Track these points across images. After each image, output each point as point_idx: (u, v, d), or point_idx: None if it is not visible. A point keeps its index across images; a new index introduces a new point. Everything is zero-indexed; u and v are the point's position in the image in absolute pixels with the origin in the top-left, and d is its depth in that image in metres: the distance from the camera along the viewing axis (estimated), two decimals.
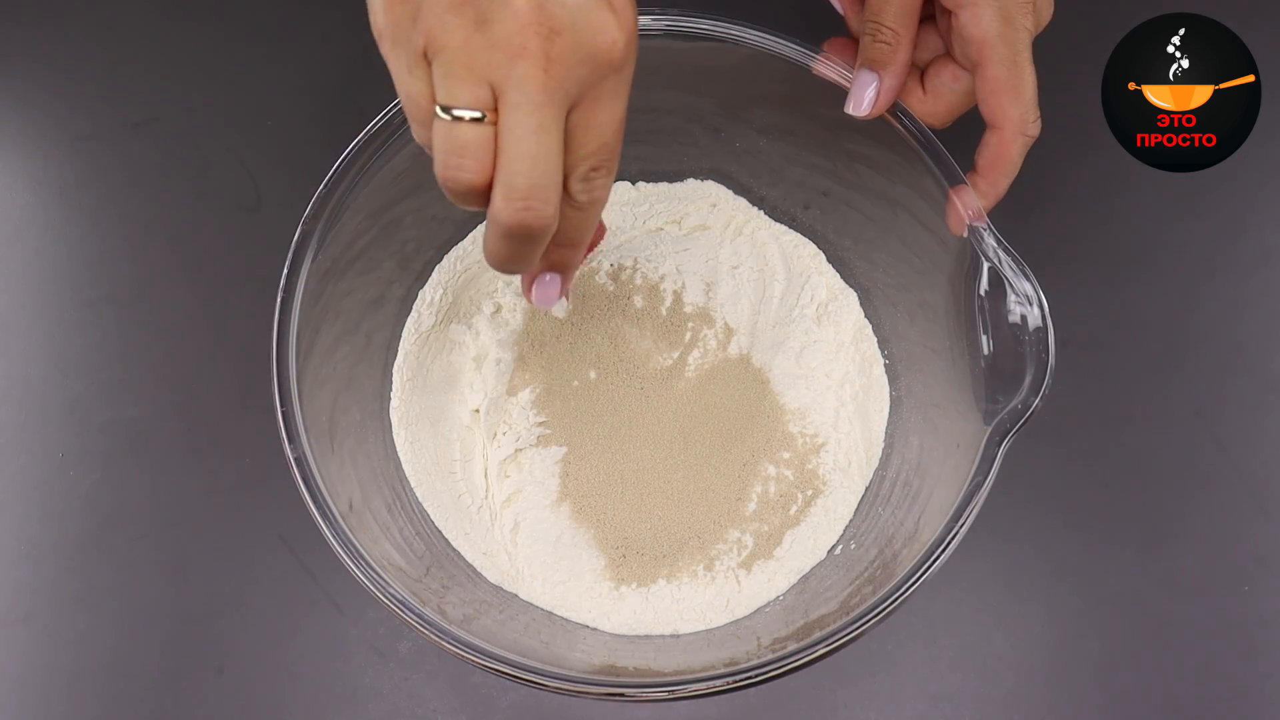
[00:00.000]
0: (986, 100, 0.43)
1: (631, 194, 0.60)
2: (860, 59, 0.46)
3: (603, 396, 0.56)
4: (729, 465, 0.56)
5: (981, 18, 0.41)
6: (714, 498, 0.55)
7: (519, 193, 0.34)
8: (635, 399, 0.56)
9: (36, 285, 0.63)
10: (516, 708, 0.56)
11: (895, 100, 0.47)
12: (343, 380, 0.53)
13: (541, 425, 0.56)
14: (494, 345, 0.56)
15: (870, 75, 0.45)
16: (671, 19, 0.50)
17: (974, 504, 0.45)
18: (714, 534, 0.55)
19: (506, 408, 0.56)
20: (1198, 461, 0.59)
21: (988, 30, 0.42)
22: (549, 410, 0.56)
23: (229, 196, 0.64)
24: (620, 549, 0.54)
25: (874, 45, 0.44)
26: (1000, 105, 0.43)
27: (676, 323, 0.58)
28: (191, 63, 0.67)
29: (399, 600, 0.45)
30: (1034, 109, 0.43)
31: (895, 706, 0.56)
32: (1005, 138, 0.43)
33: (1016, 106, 0.43)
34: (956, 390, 0.50)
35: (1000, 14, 0.42)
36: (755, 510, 0.55)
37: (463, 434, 0.57)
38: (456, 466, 0.57)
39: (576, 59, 0.34)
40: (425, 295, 0.58)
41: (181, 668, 0.56)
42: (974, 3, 0.42)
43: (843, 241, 0.59)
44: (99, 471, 0.59)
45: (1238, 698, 0.56)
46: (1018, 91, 0.43)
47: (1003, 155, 0.44)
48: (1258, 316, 0.62)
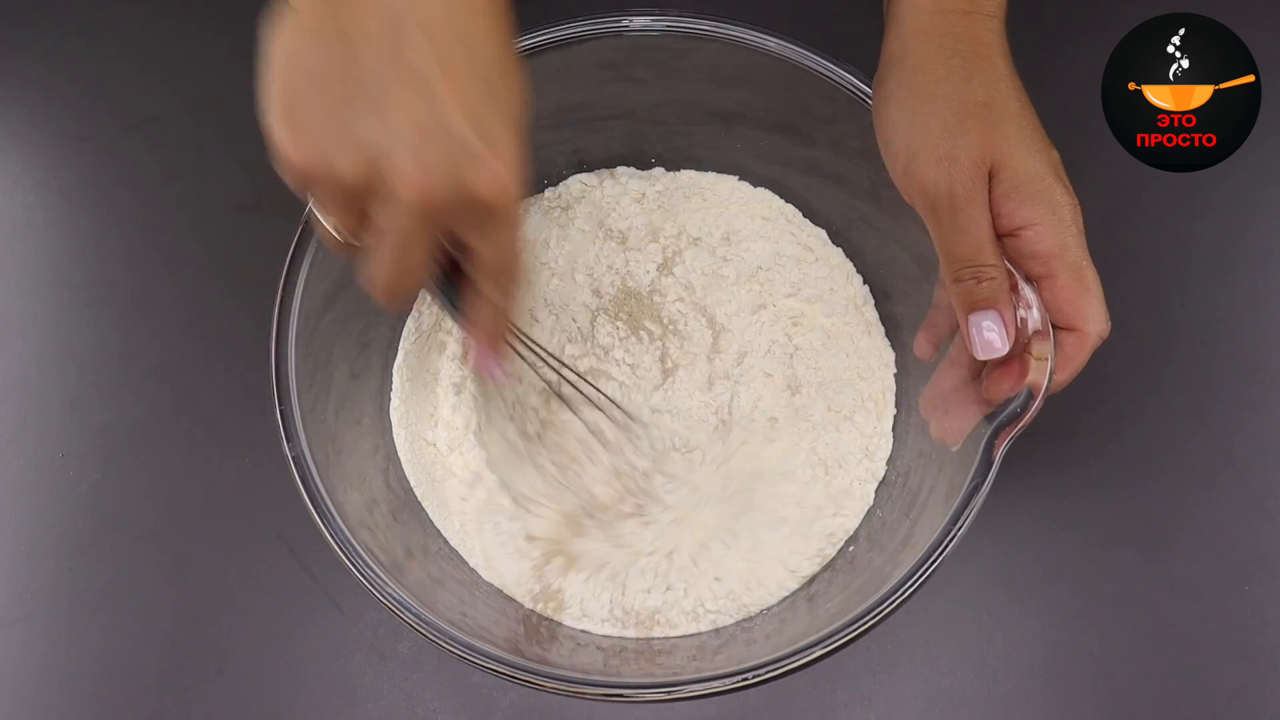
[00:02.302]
0: (1061, 308, 0.43)
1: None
2: (970, 305, 0.44)
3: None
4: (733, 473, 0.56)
5: (1045, 233, 0.42)
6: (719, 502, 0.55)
7: (379, 292, 0.39)
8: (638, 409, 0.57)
9: (36, 285, 0.63)
10: (516, 707, 0.56)
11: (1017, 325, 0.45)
12: (343, 380, 0.53)
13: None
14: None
15: (991, 316, 0.44)
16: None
17: (973, 505, 0.45)
18: (715, 535, 0.55)
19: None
20: (1198, 461, 0.59)
21: (1052, 242, 0.42)
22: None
23: (229, 196, 0.64)
24: (622, 549, 0.55)
25: (981, 287, 0.43)
26: (1078, 310, 0.43)
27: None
28: (191, 63, 0.67)
29: (399, 600, 0.45)
30: (1105, 308, 0.44)
31: (895, 706, 0.56)
32: (1083, 340, 0.44)
33: (1095, 309, 0.43)
34: (957, 392, 0.50)
35: (1059, 226, 0.42)
36: (757, 510, 0.55)
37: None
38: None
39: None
40: (425, 295, 0.58)
41: (181, 668, 0.56)
42: (1034, 222, 0.42)
43: (849, 234, 0.59)
44: (99, 471, 0.60)
45: (1238, 698, 0.56)
46: (1090, 294, 0.43)
47: (1076, 357, 0.44)
48: (1258, 316, 0.62)
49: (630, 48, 0.53)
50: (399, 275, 0.38)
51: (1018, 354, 0.44)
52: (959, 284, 0.44)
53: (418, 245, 0.37)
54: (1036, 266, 0.43)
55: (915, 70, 0.44)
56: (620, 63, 0.54)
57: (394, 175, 0.34)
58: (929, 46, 0.44)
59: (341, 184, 0.35)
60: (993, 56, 0.44)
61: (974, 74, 0.43)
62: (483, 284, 0.41)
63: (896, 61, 0.45)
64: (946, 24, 0.44)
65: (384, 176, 0.34)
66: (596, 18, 0.52)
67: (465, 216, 0.36)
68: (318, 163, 0.34)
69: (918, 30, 0.44)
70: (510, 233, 0.38)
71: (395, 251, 0.37)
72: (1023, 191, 0.42)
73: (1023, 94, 0.44)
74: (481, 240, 0.38)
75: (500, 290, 0.41)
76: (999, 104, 0.43)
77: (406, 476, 0.56)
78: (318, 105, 0.34)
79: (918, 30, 0.44)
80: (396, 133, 0.34)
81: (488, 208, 0.36)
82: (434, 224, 0.36)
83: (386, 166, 0.34)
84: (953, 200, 0.42)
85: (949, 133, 0.42)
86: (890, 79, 0.45)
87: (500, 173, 0.35)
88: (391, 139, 0.34)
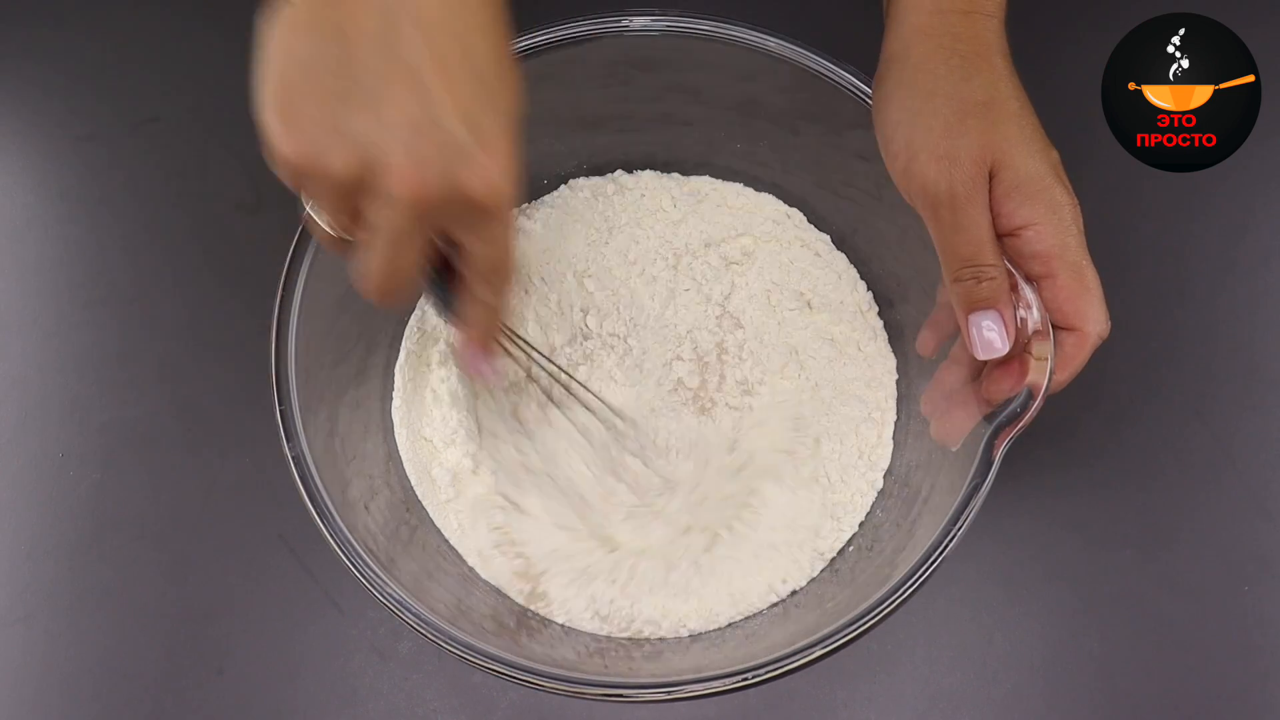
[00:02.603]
0: (1061, 307, 0.43)
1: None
2: (971, 305, 0.44)
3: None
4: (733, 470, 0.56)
5: (1045, 233, 0.42)
6: (717, 502, 0.55)
7: (370, 289, 0.39)
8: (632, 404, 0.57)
9: (36, 285, 0.63)
10: (516, 708, 0.56)
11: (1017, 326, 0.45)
12: (343, 380, 0.53)
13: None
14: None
15: (991, 316, 0.44)
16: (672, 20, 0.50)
17: (973, 505, 0.45)
18: (716, 534, 0.55)
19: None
20: (1198, 461, 0.59)
21: (1052, 242, 0.42)
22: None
23: (229, 196, 0.64)
24: (621, 549, 0.55)
25: (981, 287, 0.43)
26: (1078, 310, 0.43)
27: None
28: (192, 63, 0.67)
29: (398, 600, 0.45)
30: (1105, 310, 0.44)
31: (895, 706, 0.56)
32: (1083, 340, 0.44)
33: (1095, 309, 0.43)
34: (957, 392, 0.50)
35: (1059, 226, 0.42)
36: (757, 511, 0.55)
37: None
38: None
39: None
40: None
41: (181, 668, 0.56)
42: (1035, 222, 0.42)
43: (854, 239, 0.59)
44: (99, 471, 0.60)
45: (1238, 698, 0.56)
46: (1090, 293, 0.43)
47: (1076, 357, 0.44)
48: (1258, 316, 0.62)
49: (630, 48, 0.53)
50: (391, 272, 0.38)
51: (1018, 354, 0.44)
52: (959, 284, 0.44)
53: (409, 243, 0.37)
54: (1036, 266, 0.43)
55: (915, 70, 0.44)
56: (620, 63, 0.54)
57: (386, 172, 0.34)
58: (929, 46, 0.44)
59: (334, 179, 0.35)
60: (993, 56, 0.44)
61: (974, 74, 0.43)
62: (474, 283, 0.41)
63: (896, 61, 0.45)
64: (946, 24, 0.44)
65: (376, 173, 0.34)
66: (596, 18, 0.52)
67: (457, 214, 0.36)
68: (311, 158, 0.34)
69: (918, 30, 0.44)
70: (502, 231, 0.38)
71: (387, 248, 0.37)
72: (1023, 191, 0.42)
73: (1022, 94, 0.44)
74: (473, 238, 0.38)
75: (492, 289, 0.41)
76: (999, 104, 0.43)
77: (407, 475, 0.56)
78: (311, 100, 0.34)
79: (918, 30, 0.44)
80: (390, 129, 0.34)
81: (480, 206, 0.36)
82: (426, 221, 0.36)
83: (379, 163, 0.34)
84: (953, 200, 0.42)
85: (949, 132, 0.42)
86: (890, 78, 0.45)
87: (493, 171, 0.35)
88: (384, 135, 0.34)
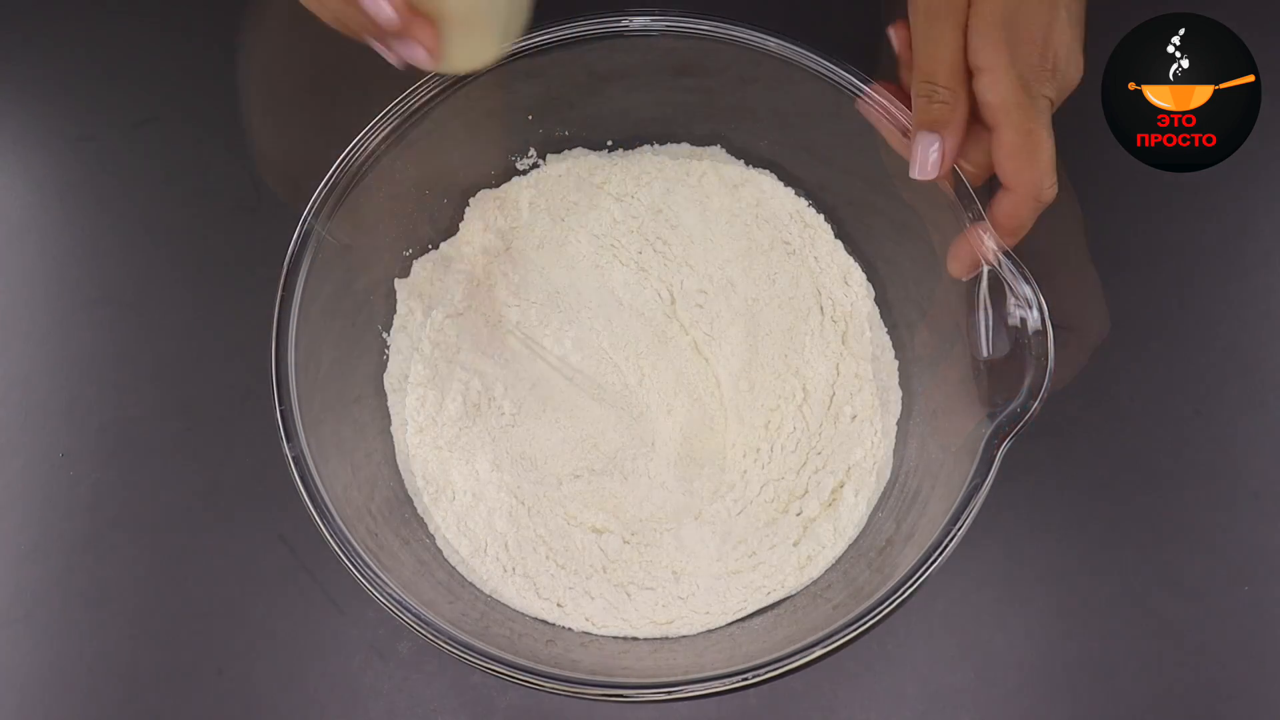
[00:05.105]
0: (1001, 163, 0.43)
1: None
2: (918, 121, 0.44)
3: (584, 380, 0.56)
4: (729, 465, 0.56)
5: (999, 83, 0.41)
6: (717, 500, 0.55)
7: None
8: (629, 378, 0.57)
9: (36, 285, 0.63)
10: (516, 707, 0.56)
11: (956, 159, 0.45)
12: (343, 379, 0.54)
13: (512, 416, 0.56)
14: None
15: (931, 137, 0.44)
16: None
17: (973, 504, 0.45)
18: (716, 534, 0.55)
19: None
20: (1198, 461, 0.59)
21: (1005, 96, 0.42)
22: (512, 399, 0.56)
23: (229, 196, 0.64)
24: (623, 552, 0.55)
25: (931, 106, 0.43)
26: (1014, 169, 0.43)
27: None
28: (192, 63, 0.67)
29: (398, 600, 0.45)
30: (1049, 175, 0.43)
31: (895, 706, 0.56)
32: (1017, 200, 0.43)
33: (1029, 171, 0.43)
34: (957, 392, 0.50)
35: (1018, 80, 0.41)
36: (758, 510, 0.55)
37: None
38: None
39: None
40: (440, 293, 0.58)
41: (181, 668, 0.56)
42: (992, 68, 0.41)
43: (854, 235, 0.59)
44: (99, 471, 0.59)
45: (1238, 698, 0.56)
46: (1032, 157, 0.42)
47: (1014, 216, 0.44)
48: (1258, 316, 0.62)
49: (630, 48, 0.53)
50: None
51: (1014, 347, 0.44)
52: (916, 98, 0.43)
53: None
54: (987, 116, 0.42)
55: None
56: (620, 63, 0.54)
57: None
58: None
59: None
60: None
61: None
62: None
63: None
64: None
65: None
66: (597, 18, 0.52)
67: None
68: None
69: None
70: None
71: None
72: (989, 32, 0.41)
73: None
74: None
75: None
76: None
77: (406, 475, 0.56)
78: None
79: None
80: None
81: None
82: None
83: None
84: (928, 9, 0.42)
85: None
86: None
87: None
88: None
